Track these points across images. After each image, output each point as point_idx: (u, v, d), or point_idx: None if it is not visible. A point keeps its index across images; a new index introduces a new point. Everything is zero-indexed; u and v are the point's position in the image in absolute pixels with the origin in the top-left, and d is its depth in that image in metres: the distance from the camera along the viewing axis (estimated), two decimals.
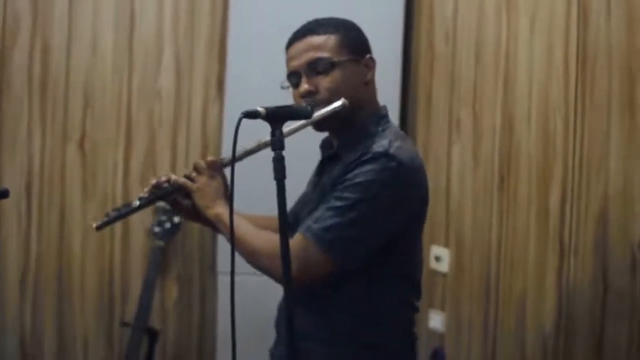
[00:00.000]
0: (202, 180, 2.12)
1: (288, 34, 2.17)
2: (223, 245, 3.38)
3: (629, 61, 2.41)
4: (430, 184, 2.16)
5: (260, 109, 1.69)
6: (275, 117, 1.72)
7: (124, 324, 3.59)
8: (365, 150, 2.00)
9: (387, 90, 3.48)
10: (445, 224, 3.40)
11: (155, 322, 3.65)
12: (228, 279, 1.74)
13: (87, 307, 3.64)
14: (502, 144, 3.04)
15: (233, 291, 1.68)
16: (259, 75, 3.36)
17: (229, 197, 2.12)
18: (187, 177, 2.15)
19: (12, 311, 3.57)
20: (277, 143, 1.70)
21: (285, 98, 2.09)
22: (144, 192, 2.18)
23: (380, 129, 2.09)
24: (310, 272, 1.95)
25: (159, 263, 3.57)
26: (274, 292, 2.17)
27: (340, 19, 2.17)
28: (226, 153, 2.96)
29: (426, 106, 3.61)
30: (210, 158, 2.16)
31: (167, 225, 3.56)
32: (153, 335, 3.55)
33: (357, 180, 1.96)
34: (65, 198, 3.61)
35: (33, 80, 3.56)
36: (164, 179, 2.18)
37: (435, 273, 3.44)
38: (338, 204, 1.96)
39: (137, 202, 2.16)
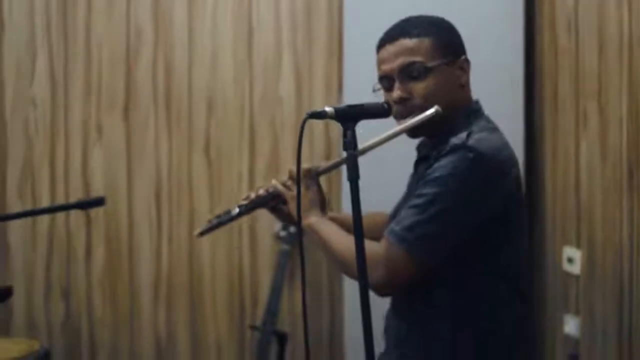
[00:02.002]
0: (295, 187, 2.12)
1: None
2: None
3: None
4: (560, 182, 2.05)
5: (328, 109, 1.65)
6: (346, 116, 1.67)
7: (253, 328, 3.63)
8: (444, 145, 1.94)
9: (510, 87, 3.40)
10: (576, 223, 3.23)
11: (285, 325, 3.67)
12: (354, 283, 1.72)
13: (219, 311, 3.72)
14: (630, 136, 2.86)
15: (304, 296, 1.65)
16: (376, 77, 3.31)
17: (324, 207, 2.12)
18: (284, 184, 2.15)
19: (146, 317, 3.70)
20: (349, 143, 1.65)
21: None
22: (244, 200, 2.21)
23: (465, 124, 2.01)
24: (397, 275, 1.91)
25: (286, 267, 3.59)
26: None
27: (433, 19, 2.09)
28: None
29: (552, 101, 3.44)
30: (306, 166, 2.13)
31: (293, 229, 3.57)
32: (282, 339, 3.57)
33: (435, 174, 1.90)
34: (194, 204, 3.70)
35: (158, 92, 3.68)
36: (262, 186, 2.21)
37: (568, 275, 3.27)
38: (418, 201, 1.91)
39: (237, 210, 2.20)
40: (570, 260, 3.26)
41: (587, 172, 3.16)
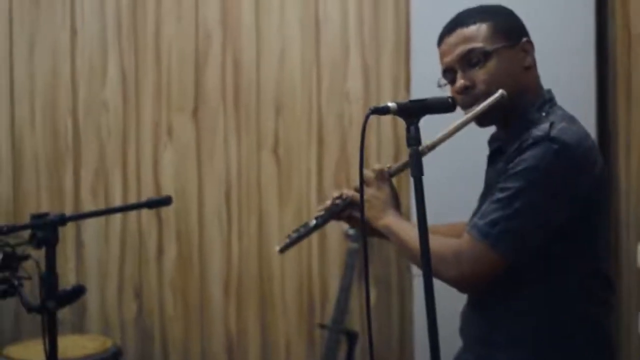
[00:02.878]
0: (370, 191, 2.10)
1: None
2: None
3: None
4: (635, 177, 2.00)
5: (390, 104, 1.63)
6: (409, 112, 1.65)
7: (322, 327, 3.64)
8: (526, 137, 1.89)
9: (581, 77, 3.32)
10: None
11: (354, 324, 3.67)
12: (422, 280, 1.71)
13: (288, 310, 3.73)
14: None
15: (368, 296, 1.64)
16: None
17: (398, 206, 2.10)
18: (356, 189, 2.15)
19: (217, 316, 3.73)
20: (412, 139, 1.62)
21: None
22: (319, 211, 2.21)
23: (543, 114, 1.96)
24: (481, 271, 1.87)
25: (355, 265, 3.58)
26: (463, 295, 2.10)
27: (490, 5, 2.06)
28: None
29: (625, 92, 3.35)
30: (377, 166, 2.12)
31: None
32: (352, 338, 3.56)
33: (519, 168, 1.85)
34: (262, 203, 3.72)
35: (226, 92, 3.71)
36: (336, 194, 2.20)
37: None
38: (501, 195, 1.87)
39: (314, 222, 2.21)
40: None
41: None
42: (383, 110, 1.63)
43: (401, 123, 3.52)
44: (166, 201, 1.97)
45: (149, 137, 3.74)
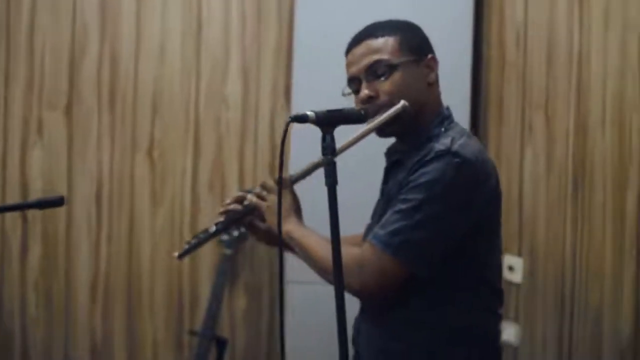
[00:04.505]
0: (271, 198, 2.10)
1: None
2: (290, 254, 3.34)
3: None
4: (503, 191, 2.08)
5: (309, 113, 1.64)
6: (326, 121, 1.66)
7: (192, 333, 3.59)
8: (427, 151, 1.93)
9: (457, 95, 3.43)
10: (519, 232, 3.29)
11: (224, 331, 3.64)
12: (297, 287, 1.70)
13: (157, 314, 3.66)
14: (576, 148, 2.92)
15: (283, 305, 1.63)
16: (326, 82, 3.28)
17: (300, 214, 2.11)
18: (258, 196, 2.13)
19: (83, 318, 3.62)
20: (328, 148, 1.64)
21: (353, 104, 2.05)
22: (219, 215, 2.18)
23: (442, 129, 2.02)
24: (381, 280, 1.90)
25: (227, 271, 3.55)
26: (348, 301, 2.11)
27: (399, 20, 2.10)
28: (293, 162, 2.95)
29: (497, 111, 3.51)
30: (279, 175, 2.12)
31: (235, 233, 3.54)
32: (222, 345, 3.53)
33: (421, 180, 1.90)
34: (135, 205, 3.63)
35: (102, 90, 3.60)
36: (230, 203, 2.16)
37: (508, 283, 3.32)
38: (403, 206, 1.90)
39: (214, 228, 2.16)
40: (511, 268, 3.31)
41: (531, 182, 3.22)
42: (301, 119, 1.64)
43: (278, 130, 3.59)
44: (58, 202, 1.88)
45: (17, 134, 3.58)
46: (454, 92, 3.38)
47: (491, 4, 3.55)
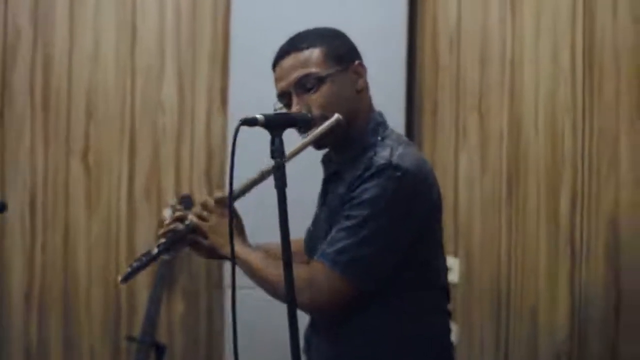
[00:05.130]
0: (213, 218, 2.07)
1: None
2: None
3: (637, 60, 2.36)
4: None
5: (259, 116, 1.64)
6: (275, 124, 1.67)
7: (130, 339, 3.55)
8: (367, 164, 1.95)
9: (392, 99, 3.48)
10: (454, 233, 3.35)
11: (162, 336, 3.61)
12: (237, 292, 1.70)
13: (94, 321, 3.61)
14: (510, 150, 2.99)
15: (234, 309, 1.64)
16: (263, 85, 3.29)
17: (243, 232, 2.10)
18: (199, 216, 2.10)
19: (17, 326, 3.55)
20: (277, 151, 1.64)
21: None
22: (160, 236, 2.13)
23: (379, 137, 2.03)
24: (330, 298, 1.91)
25: (165, 276, 3.53)
26: (281, 306, 2.11)
27: (322, 29, 2.09)
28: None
29: (432, 114, 3.57)
30: (218, 194, 2.09)
31: (164, 239, 3.51)
32: (160, 350, 3.50)
33: (364, 196, 1.91)
34: (70, 212, 3.58)
35: (35, 94, 3.55)
36: (171, 223, 2.13)
37: None
38: (348, 223, 1.91)
39: (156, 250, 2.10)
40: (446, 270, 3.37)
41: (466, 184, 3.28)
42: (251, 122, 1.64)
43: (214, 134, 3.56)
44: (0, 208, 1.85)
45: None
46: (389, 98, 3.45)
47: (424, 10, 3.61)
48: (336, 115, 1.95)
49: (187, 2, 3.65)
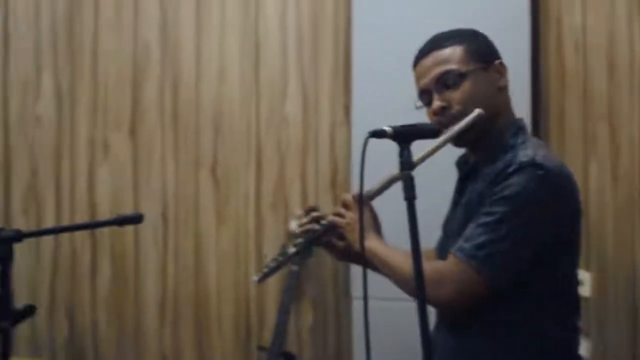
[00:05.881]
0: (350, 214, 2.10)
1: (412, 54, 2.14)
2: (357, 269, 3.35)
3: None
4: None
5: (387, 129, 1.66)
6: (402, 136, 1.68)
7: (260, 349, 3.61)
8: (509, 162, 1.93)
9: (517, 107, 3.39)
10: (586, 245, 3.25)
11: (291, 346, 3.65)
12: (360, 303, 1.71)
13: (225, 331, 3.69)
14: None
15: (367, 318, 1.65)
16: (385, 98, 3.35)
17: (379, 229, 2.12)
18: (336, 213, 2.14)
19: (152, 336, 3.67)
20: (405, 163, 1.65)
21: (413, 119, 2.05)
22: (297, 236, 2.18)
23: (519, 140, 2.01)
24: (466, 293, 1.91)
25: (293, 287, 3.57)
26: (413, 318, 2.11)
27: (463, 29, 2.11)
28: (356, 177, 2.95)
29: (558, 122, 3.48)
30: (356, 192, 2.13)
31: (301, 239, 3.55)
32: None
33: (505, 192, 1.89)
34: (200, 224, 3.68)
35: (165, 111, 3.68)
36: (308, 223, 2.17)
37: None
38: (487, 219, 1.90)
39: (293, 249, 2.16)
40: (578, 282, 3.28)
41: (597, 194, 3.19)
42: (379, 134, 1.66)
43: (338, 147, 3.58)
44: (136, 219, 1.93)
45: (83, 154, 3.67)
46: (514, 103, 3.39)
47: (548, 11, 3.53)
48: (478, 110, 1.96)
49: (308, 18, 3.69)
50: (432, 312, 1.86)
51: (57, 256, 3.65)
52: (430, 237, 2.20)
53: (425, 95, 2.06)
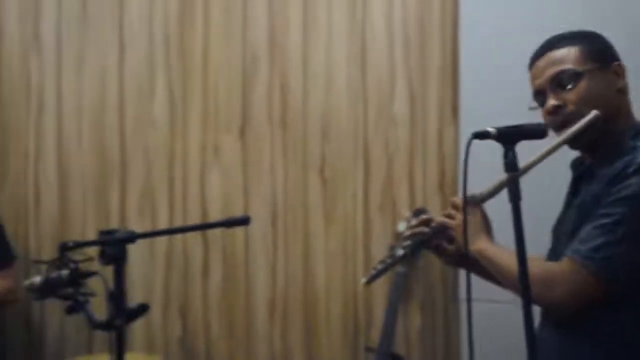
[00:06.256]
0: (460, 216, 2.10)
1: (520, 55, 2.12)
2: (465, 272, 3.32)
3: None
4: None
5: (490, 129, 1.65)
6: (507, 137, 1.66)
7: (368, 350, 3.62)
8: (629, 163, 1.89)
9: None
10: None
11: (399, 348, 3.65)
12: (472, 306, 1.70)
13: (333, 332, 3.72)
14: None
15: (470, 320, 1.64)
16: (494, 98, 3.31)
17: (490, 232, 2.10)
18: (446, 215, 2.14)
19: (262, 337, 3.73)
20: (510, 164, 1.64)
21: (524, 120, 2.02)
22: (405, 239, 2.19)
23: (639, 143, 1.96)
24: (579, 295, 1.88)
25: (401, 288, 3.57)
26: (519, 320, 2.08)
27: (579, 31, 2.08)
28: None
29: None
30: (467, 194, 2.12)
31: (410, 241, 3.54)
32: None
33: (623, 193, 1.86)
34: (309, 225, 3.72)
35: (273, 114, 3.73)
36: (417, 225, 2.17)
37: None
38: (604, 221, 1.87)
39: (401, 251, 2.17)
40: None
41: None
42: (483, 135, 1.65)
43: (446, 147, 3.54)
44: (244, 221, 1.97)
45: (195, 158, 3.76)
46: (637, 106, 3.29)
47: None
48: (595, 112, 1.93)
49: (415, 19, 3.69)
50: (536, 310, 1.83)
51: (171, 256, 3.75)
52: (539, 241, 2.16)
53: (539, 96, 2.04)
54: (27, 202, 3.80)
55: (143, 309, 2.39)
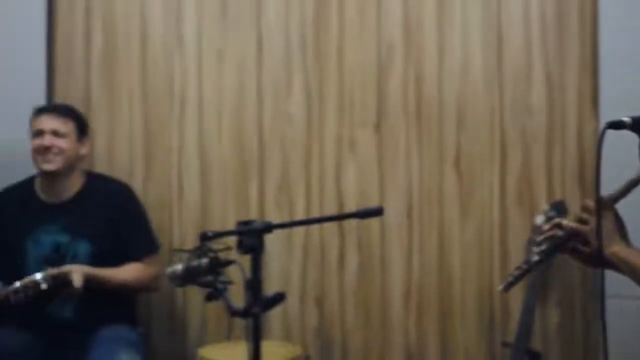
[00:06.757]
0: (593, 220, 2.06)
1: None
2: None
3: None
4: None
5: (625, 119, 1.61)
6: None
7: (505, 344, 3.58)
8: None
9: None
10: None
11: (537, 344, 3.59)
12: (614, 302, 1.67)
13: (468, 325, 3.70)
14: None
15: (604, 318, 1.60)
16: (636, 90, 3.22)
17: (625, 233, 2.05)
18: (579, 219, 2.10)
19: (397, 327, 3.75)
20: None
21: None
22: (538, 244, 2.16)
23: None
24: None
25: (538, 284, 3.50)
26: None
27: None
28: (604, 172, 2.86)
29: None
30: (601, 195, 2.08)
31: (544, 246, 3.48)
32: (534, 358, 3.49)
33: None
34: (444, 217, 3.71)
35: (408, 105, 3.74)
36: (550, 229, 2.14)
37: None
38: None
39: (537, 257, 2.15)
40: None
41: None
42: (618, 125, 1.61)
43: (586, 139, 3.46)
44: (377, 212, 2.00)
45: (331, 151, 3.81)
46: None
47: None
48: None
49: (552, 8, 3.61)
50: None
51: (307, 248, 3.82)
52: None
53: None
54: (171, 194, 3.95)
55: (279, 297, 2.46)
